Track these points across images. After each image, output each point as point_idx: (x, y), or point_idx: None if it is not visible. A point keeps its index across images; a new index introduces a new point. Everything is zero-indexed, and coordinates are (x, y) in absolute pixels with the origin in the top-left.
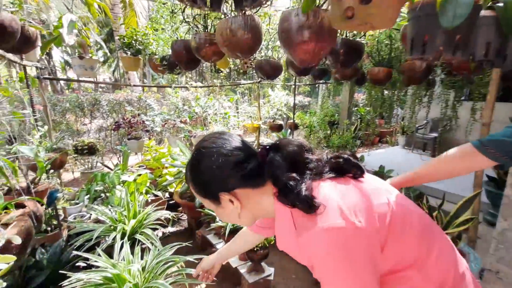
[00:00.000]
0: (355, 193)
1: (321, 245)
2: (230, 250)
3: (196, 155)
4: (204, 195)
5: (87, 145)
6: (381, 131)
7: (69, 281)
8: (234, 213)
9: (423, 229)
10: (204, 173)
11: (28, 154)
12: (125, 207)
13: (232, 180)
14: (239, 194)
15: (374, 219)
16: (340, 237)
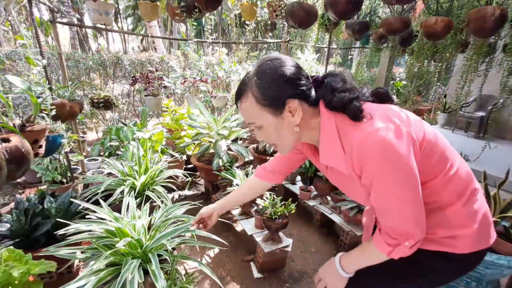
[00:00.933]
0: (396, 111)
1: (375, 141)
2: (232, 199)
3: (264, 64)
4: (267, 103)
5: (103, 99)
6: (418, 108)
7: (65, 229)
8: (289, 127)
9: (447, 150)
10: (274, 79)
11: (18, 85)
12: (136, 162)
13: (298, 90)
14: (301, 106)
15: (413, 129)
16: (391, 134)
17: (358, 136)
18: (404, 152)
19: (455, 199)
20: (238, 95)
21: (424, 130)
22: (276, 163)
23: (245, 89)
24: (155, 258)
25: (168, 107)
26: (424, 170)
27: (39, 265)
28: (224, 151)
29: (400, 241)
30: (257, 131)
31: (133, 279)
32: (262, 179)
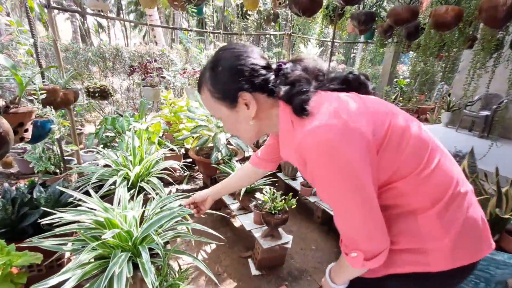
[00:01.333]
0: (355, 101)
1: (311, 141)
2: (227, 184)
3: (218, 54)
4: (220, 96)
5: (99, 88)
6: (421, 107)
7: (50, 218)
8: (246, 120)
9: (421, 146)
10: (226, 70)
11: (1, 62)
12: (131, 152)
13: (252, 82)
14: (256, 98)
15: (369, 122)
16: (331, 133)
17: (298, 134)
18: (346, 153)
19: (429, 204)
20: (198, 87)
21: (390, 121)
22: (265, 151)
23: (201, 81)
24: (146, 251)
25: (167, 99)
26: (389, 167)
27: (22, 256)
28: (223, 144)
29: (348, 249)
30: (222, 121)
31: (121, 273)
32: (255, 166)
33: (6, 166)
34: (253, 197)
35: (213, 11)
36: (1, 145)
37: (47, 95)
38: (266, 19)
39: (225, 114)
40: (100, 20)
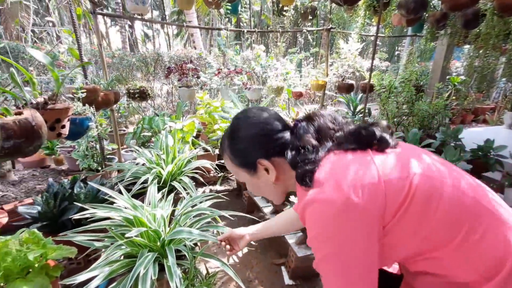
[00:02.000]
0: (365, 167)
1: (309, 215)
2: (268, 227)
3: (235, 123)
4: (240, 163)
5: (138, 89)
6: (478, 107)
7: (80, 214)
8: (267, 184)
9: (458, 211)
10: (243, 139)
11: (39, 59)
12: (164, 150)
13: (269, 148)
14: (275, 162)
15: (378, 195)
16: (329, 209)
17: (303, 204)
18: (342, 232)
19: (481, 279)
20: (220, 151)
21: (411, 184)
22: None
23: (222, 148)
24: (172, 253)
25: (203, 100)
26: (413, 233)
27: (56, 250)
28: None
29: None
30: (246, 184)
31: (146, 274)
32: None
33: (58, 163)
34: (288, 201)
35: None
36: (34, 139)
37: (87, 94)
38: (303, 14)
39: (247, 179)
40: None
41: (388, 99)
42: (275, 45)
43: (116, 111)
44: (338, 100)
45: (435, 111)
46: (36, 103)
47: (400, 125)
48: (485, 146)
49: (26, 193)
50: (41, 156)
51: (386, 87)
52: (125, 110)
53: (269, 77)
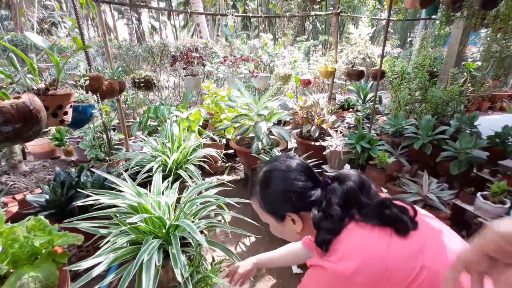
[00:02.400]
0: (378, 247)
1: (311, 274)
2: (275, 259)
3: (268, 174)
4: (269, 211)
5: (143, 78)
6: (495, 94)
7: (83, 201)
8: (292, 231)
9: None
10: (275, 193)
11: (38, 43)
12: (169, 138)
13: (299, 205)
14: (302, 216)
15: (379, 280)
16: (327, 278)
17: (312, 262)
18: None
19: None
20: (249, 193)
21: (417, 274)
22: None
23: (252, 190)
24: (177, 240)
25: (209, 89)
26: None
27: (62, 237)
28: (264, 133)
29: None
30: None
31: (150, 261)
32: (306, 246)
33: (67, 154)
34: None
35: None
36: (33, 123)
37: (90, 82)
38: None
39: (272, 223)
40: (153, 23)
41: (400, 86)
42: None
43: (123, 102)
44: (348, 88)
45: (449, 98)
46: (37, 89)
47: (413, 112)
48: (503, 133)
49: (37, 183)
50: (51, 147)
51: (398, 73)
52: (132, 101)
53: (276, 66)
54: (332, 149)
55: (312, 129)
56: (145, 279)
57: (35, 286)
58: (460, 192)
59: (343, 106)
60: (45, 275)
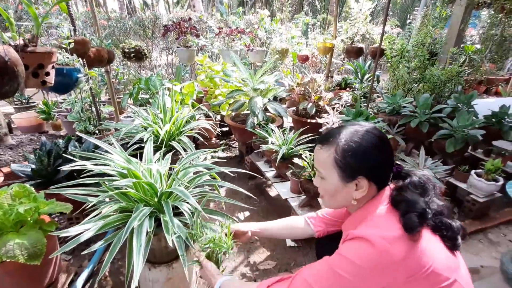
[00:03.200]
0: (430, 252)
1: (359, 245)
2: (270, 227)
3: (363, 130)
4: (342, 166)
5: (134, 48)
6: (491, 78)
7: (70, 166)
8: (345, 196)
9: None
10: (360, 153)
11: None
12: (161, 109)
13: (377, 176)
14: (369, 187)
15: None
16: (366, 252)
17: (367, 230)
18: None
19: None
20: (322, 140)
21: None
22: (329, 211)
23: (331, 141)
24: (169, 207)
25: (203, 64)
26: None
27: (49, 204)
28: (259, 108)
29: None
30: (317, 177)
31: (141, 227)
32: (310, 223)
33: (56, 128)
34: (291, 164)
35: None
36: (10, 77)
37: (76, 46)
38: None
39: (332, 180)
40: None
41: (399, 64)
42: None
43: (114, 77)
44: (345, 68)
45: (447, 78)
46: (14, 45)
47: (410, 91)
48: (500, 112)
49: (24, 157)
50: (38, 120)
51: (398, 51)
52: (122, 76)
53: (273, 43)
54: (328, 126)
55: (308, 106)
56: (136, 245)
57: (21, 252)
58: (454, 170)
59: (340, 85)
60: (32, 242)
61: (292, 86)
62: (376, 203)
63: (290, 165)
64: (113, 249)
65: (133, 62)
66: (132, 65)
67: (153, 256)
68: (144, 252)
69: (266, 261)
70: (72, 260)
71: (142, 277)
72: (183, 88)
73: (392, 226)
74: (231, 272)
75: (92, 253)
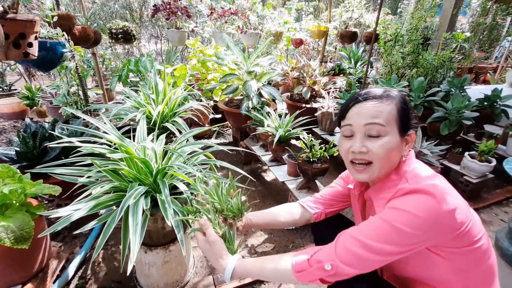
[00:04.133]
0: (466, 205)
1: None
2: (266, 214)
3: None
4: (402, 119)
5: (121, 29)
6: (480, 66)
7: (56, 143)
8: (398, 154)
9: (495, 274)
10: (410, 109)
11: None
12: (153, 89)
13: (415, 127)
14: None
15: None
16: (426, 203)
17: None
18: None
19: None
20: (377, 96)
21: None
22: (325, 191)
23: (389, 95)
24: (165, 185)
25: (194, 47)
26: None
27: (35, 185)
28: (254, 92)
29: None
30: (363, 137)
31: (137, 205)
32: (301, 204)
33: (41, 115)
34: (288, 146)
35: None
36: None
37: (60, 21)
38: None
39: (392, 136)
40: None
41: (393, 49)
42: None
43: (101, 62)
44: (339, 55)
45: (440, 63)
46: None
47: (404, 77)
48: (492, 95)
49: (8, 141)
50: (21, 107)
51: (392, 35)
52: (110, 62)
53: (266, 28)
54: (324, 110)
55: (303, 90)
56: (132, 224)
57: (7, 236)
58: (448, 153)
59: (334, 71)
60: (19, 225)
61: (287, 71)
62: (408, 162)
63: (287, 147)
64: (107, 229)
65: (121, 44)
66: (121, 50)
67: (149, 238)
68: (141, 232)
69: (264, 244)
70: (63, 247)
71: (138, 260)
72: (175, 70)
73: (438, 177)
74: None
75: (84, 239)
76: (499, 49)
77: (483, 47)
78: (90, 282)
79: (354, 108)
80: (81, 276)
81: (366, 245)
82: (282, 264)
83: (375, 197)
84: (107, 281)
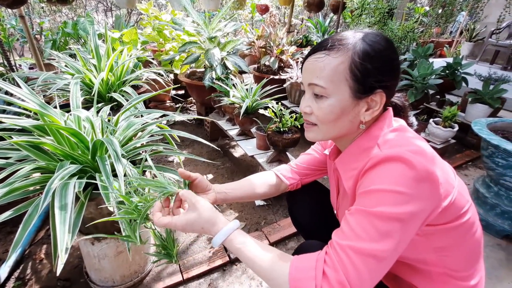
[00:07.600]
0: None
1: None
2: (240, 186)
3: (383, 40)
4: (358, 75)
5: None
6: (438, 41)
7: None
8: (353, 117)
9: (480, 251)
10: (383, 58)
11: None
12: (93, 53)
13: (393, 86)
14: (386, 110)
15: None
16: (421, 169)
17: (396, 150)
18: (419, 202)
19: None
20: (326, 45)
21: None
22: (300, 159)
23: (344, 44)
24: (105, 163)
25: (148, 13)
26: (442, 249)
27: None
28: (217, 61)
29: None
30: (310, 97)
31: (65, 190)
32: (276, 172)
33: None
34: (256, 118)
35: None
36: None
37: None
38: None
39: (340, 97)
40: None
41: (359, 18)
42: None
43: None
44: (306, 24)
45: (403, 34)
46: None
47: None
48: (454, 63)
49: None
50: None
51: (359, 3)
52: (43, 21)
53: None
54: (292, 81)
55: (271, 60)
56: (59, 212)
57: None
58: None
59: (302, 43)
60: None
61: (253, 39)
62: (381, 125)
63: (256, 118)
64: (28, 220)
65: (56, 5)
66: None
67: (95, 228)
68: (75, 221)
69: None
70: None
71: (86, 254)
72: (123, 36)
73: (416, 140)
74: (196, 238)
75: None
76: (453, 25)
77: (439, 23)
78: (30, 283)
79: (306, 62)
80: (18, 277)
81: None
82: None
83: (341, 167)
84: (52, 280)
